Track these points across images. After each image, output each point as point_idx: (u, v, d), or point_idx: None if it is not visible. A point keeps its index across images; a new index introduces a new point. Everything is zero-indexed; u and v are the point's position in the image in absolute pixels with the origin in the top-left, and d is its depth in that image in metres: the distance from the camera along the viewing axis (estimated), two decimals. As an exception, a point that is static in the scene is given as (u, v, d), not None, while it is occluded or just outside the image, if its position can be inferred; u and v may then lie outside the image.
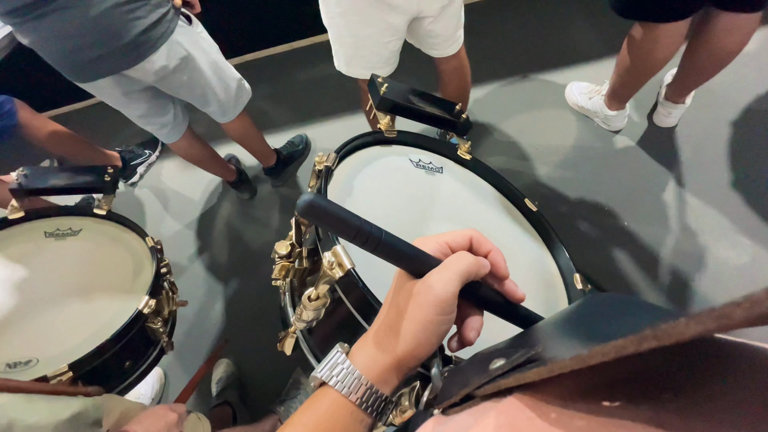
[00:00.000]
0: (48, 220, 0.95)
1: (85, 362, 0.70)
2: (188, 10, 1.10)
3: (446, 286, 0.29)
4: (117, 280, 0.87)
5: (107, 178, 1.00)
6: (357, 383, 0.30)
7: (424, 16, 0.98)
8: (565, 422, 0.16)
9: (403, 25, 0.97)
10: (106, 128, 1.95)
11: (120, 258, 0.91)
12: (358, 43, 1.00)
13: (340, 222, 0.28)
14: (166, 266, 0.93)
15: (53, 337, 0.76)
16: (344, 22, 0.96)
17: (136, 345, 0.83)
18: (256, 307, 1.40)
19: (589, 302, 0.27)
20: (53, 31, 0.92)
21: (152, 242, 0.91)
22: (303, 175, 1.69)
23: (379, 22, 0.94)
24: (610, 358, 0.14)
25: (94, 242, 0.93)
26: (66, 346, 0.75)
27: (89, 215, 0.97)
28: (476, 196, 0.71)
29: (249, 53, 2.11)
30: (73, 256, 0.90)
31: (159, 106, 1.20)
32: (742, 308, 0.10)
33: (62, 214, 0.97)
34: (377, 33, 0.97)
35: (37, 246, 0.91)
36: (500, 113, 1.63)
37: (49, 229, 0.94)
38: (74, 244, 0.92)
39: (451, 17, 1.02)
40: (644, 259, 1.26)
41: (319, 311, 0.51)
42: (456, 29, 1.07)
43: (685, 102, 1.38)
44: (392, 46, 1.02)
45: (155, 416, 0.63)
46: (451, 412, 0.26)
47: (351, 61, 1.05)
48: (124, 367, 0.82)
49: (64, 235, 0.93)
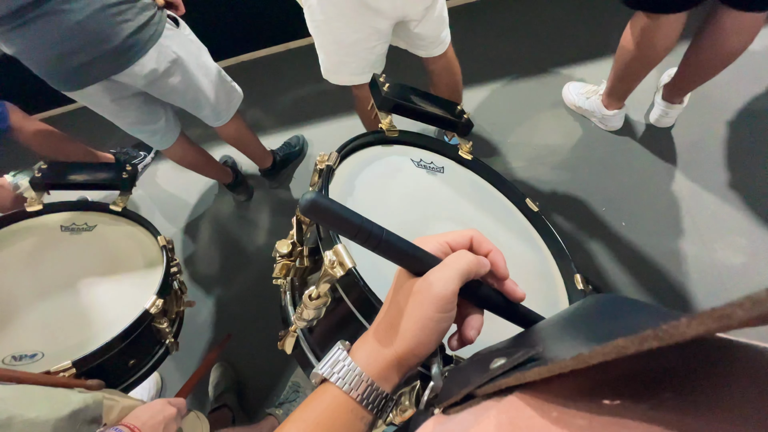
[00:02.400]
0: (65, 213, 0.96)
1: (88, 359, 0.71)
2: (173, 11, 1.08)
3: (446, 284, 0.29)
4: (127, 277, 0.87)
5: (125, 176, 1.01)
6: (358, 380, 0.30)
7: (409, 20, 0.98)
8: (566, 421, 0.16)
9: (388, 29, 0.97)
10: (99, 130, 1.93)
11: (132, 255, 0.91)
12: (345, 50, 0.99)
13: (342, 220, 0.28)
14: (177, 266, 0.94)
15: (60, 332, 0.77)
16: (329, 29, 0.96)
17: (141, 344, 0.83)
18: (254, 309, 1.40)
19: (589, 303, 0.27)
20: (39, 38, 0.90)
21: (164, 241, 0.91)
22: (300, 177, 1.69)
23: (365, 28, 0.94)
24: (611, 358, 0.14)
25: (108, 239, 0.94)
26: (72, 342, 0.75)
27: (105, 211, 0.98)
28: (477, 197, 0.71)
29: (243, 54, 2.10)
30: (86, 252, 0.91)
31: (150, 112, 1.18)
32: (743, 308, 0.10)
33: (79, 208, 0.98)
34: (363, 38, 0.96)
35: (52, 239, 0.91)
36: (498, 114, 1.64)
37: (66, 223, 0.94)
38: (88, 239, 0.93)
39: (435, 19, 1.02)
40: (641, 259, 1.26)
41: (320, 310, 0.51)
42: (441, 30, 1.07)
43: (682, 102, 1.39)
44: (378, 50, 1.02)
45: (153, 410, 0.63)
46: (452, 411, 0.26)
47: (338, 68, 1.05)
48: (128, 366, 0.82)
49: (80, 230, 0.94)
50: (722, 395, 0.14)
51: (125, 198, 1.00)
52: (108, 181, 1.01)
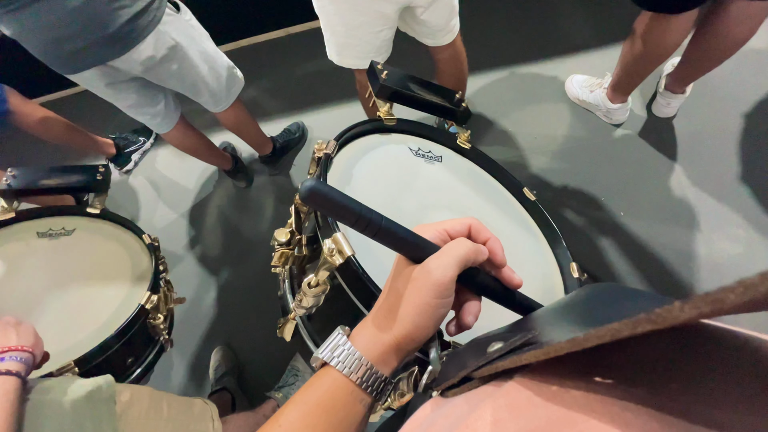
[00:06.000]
0: (40, 220, 0.94)
1: (90, 358, 0.71)
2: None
3: (444, 271, 0.30)
4: (115, 277, 0.86)
5: (99, 177, 0.98)
6: (357, 364, 0.31)
7: (416, 6, 0.96)
8: (562, 395, 0.16)
9: (394, 14, 0.96)
10: (99, 114, 1.91)
11: (117, 255, 0.90)
12: (350, 32, 0.98)
13: (342, 208, 0.28)
14: (163, 263, 0.93)
15: (54, 335, 0.76)
16: (335, 10, 0.94)
17: (137, 341, 0.83)
18: (254, 295, 1.41)
19: (586, 291, 0.28)
20: (36, 21, 0.89)
21: (149, 239, 0.91)
22: (300, 164, 1.68)
23: (370, 11, 0.93)
24: (605, 341, 0.14)
25: (89, 241, 0.92)
26: (68, 344, 0.75)
27: (83, 215, 0.96)
28: (475, 186, 0.71)
29: (243, 39, 2.07)
30: (68, 256, 0.89)
31: (149, 96, 1.16)
32: (735, 293, 0.10)
33: (54, 214, 0.95)
34: (369, 22, 0.95)
35: (29, 246, 0.89)
36: (499, 103, 1.62)
37: (42, 229, 0.92)
38: (68, 243, 0.91)
39: (443, 7, 1.00)
40: (639, 249, 1.27)
41: (319, 298, 0.52)
42: (450, 19, 1.05)
43: (684, 92, 1.38)
44: (384, 35, 1.00)
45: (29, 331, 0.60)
46: (450, 394, 0.26)
47: (342, 50, 1.04)
48: (126, 364, 0.82)
49: (58, 235, 0.92)
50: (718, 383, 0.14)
51: (102, 199, 0.98)
52: (82, 184, 0.98)
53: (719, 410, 0.13)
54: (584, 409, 0.15)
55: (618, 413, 0.14)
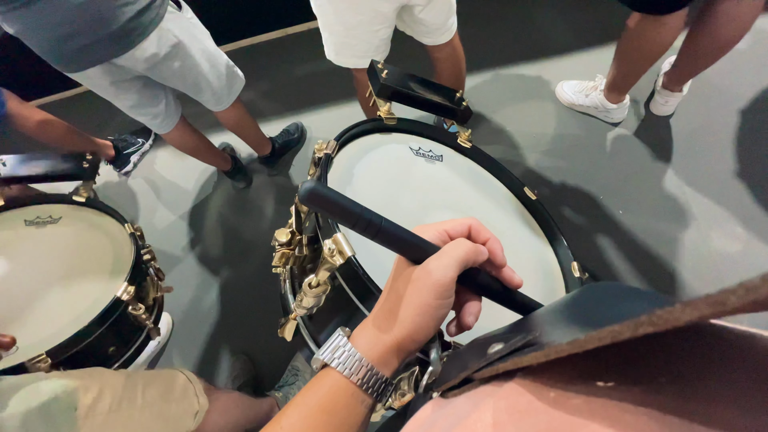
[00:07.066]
0: (29, 208, 0.95)
1: (63, 349, 0.70)
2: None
3: (445, 271, 0.30)
4: (97, 267, 0.87)
5: (86, 165, 0.99)
6: (358, 365, 0.31)
7: (414, 4, 0.96)
8: (563, 402, 0.16)
9: (391, 12, 0.96)
10: (97, 116, 1.91)
11: (100, 245, 0.90)
12: (348, 32, 0.98)
13: (341, 209, 0.28)
14: (149, 252, 0.93)
15: (33, 325, 0.76)
16: (332, 9, 0.95)
17: (118, 331, 0.83)
18: (253, 296, 1.41)
19: (587, 290, 0.27)
20: (40, 19, 0.89)
21: (131, 229, 0.91)
22: (299, 164, 1.68)
23: (368, 10, 0.93)
24: (606, 342, 0.14)
25: (74, 229, 0.93)
26: (45, 334, 0.75)
27: (69, 203, 0.97)
28: (476, 185, 0.71)
29: (243, 39, 2.07)
30: (54, 244, 0.90)
31: (150, 96, 1.17)
32: (736, 295, 0.10)
33: (42, 201, 0.97)
34: (366, 21, 0.95)
35: (17, 234, 0.90)
36: (498, 102, 1.62)
37: (30, 217, 0.93)
38: (54, 231, 0.92)
39: (441, 5, 1.00)
40: (638, 247, 1.27)
41: (319, 298, 0.52)
42: (447, 18, 1.06)
43: (682, 90, 1.38)
44: (382, 34, 1.00)
45: None
46: (450, 395, 0.26)
47: (341, 50, 1.04)
48: (108, 353, 0.82)
49: (45, 223, 0.93)
50: (716, 380, 0.14)
51: (88, 187, 0.99)
52: (69, 172, 0.99)
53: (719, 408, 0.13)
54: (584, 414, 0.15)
55: (617, 416, 0.14)
